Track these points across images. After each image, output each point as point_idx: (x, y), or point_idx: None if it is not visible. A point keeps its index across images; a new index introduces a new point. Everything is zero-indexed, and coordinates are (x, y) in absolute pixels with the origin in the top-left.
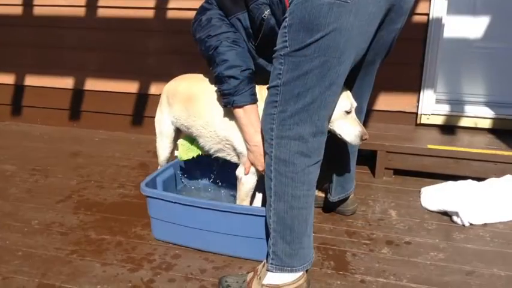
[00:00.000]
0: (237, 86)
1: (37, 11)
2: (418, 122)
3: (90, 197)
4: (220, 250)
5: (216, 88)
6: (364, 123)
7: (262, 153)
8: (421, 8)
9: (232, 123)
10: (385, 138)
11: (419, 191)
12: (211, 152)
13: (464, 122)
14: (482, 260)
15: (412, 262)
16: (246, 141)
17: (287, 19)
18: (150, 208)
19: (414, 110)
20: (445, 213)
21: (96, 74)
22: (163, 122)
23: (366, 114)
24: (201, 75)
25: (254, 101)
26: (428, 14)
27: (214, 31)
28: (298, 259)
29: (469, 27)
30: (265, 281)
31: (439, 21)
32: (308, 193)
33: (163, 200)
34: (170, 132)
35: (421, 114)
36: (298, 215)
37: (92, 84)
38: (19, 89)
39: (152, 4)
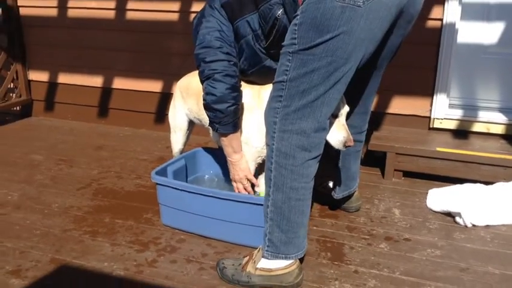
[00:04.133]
0: (221, 118)
1: (70, 13)
2: (431, 126)
3: (108, 186)
4: (222, 237)
5: None
6: (377, 126)
7: (240, 167)
8: (435, 13)
9: None
10: (396, 140)
11: (427, 193)
12: (220, 144)
13: (476, 127)
14: (479, 258)
15: (407, 257)
16: (226, 154)
17: (298, 17)
18: (159, 195)
19: (427, 114)
20: (449, 214)
21: (123, 73)
22: (177, 116)
23: (379, 117)
24: None
25: (235, 130)
26: (442, 19)
27: (210, 57)
28: (293, 247)
29: (483, 32)
30: (259, 265)
31: (452, 26)
32: (306, 185)
33: (170, 187)
34: (184, 126)
35: (434, 119)
36: (295, 206)
37: (119, 83)
38: (52, 86)
39: (177, 7)
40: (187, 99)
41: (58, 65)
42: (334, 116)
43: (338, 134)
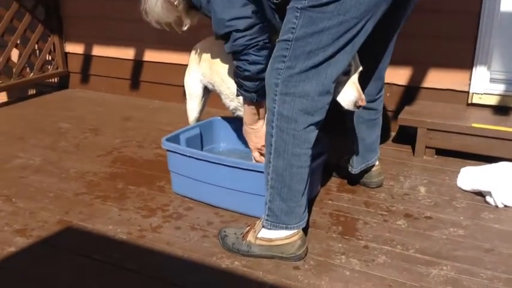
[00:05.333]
0: (263, 87)
1: None
2: (470, 101)
3: (127, 154)
4: (229, 206)
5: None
6: (410, 101)
7: (261, 135)
8: None
9: None
10: (429, 115)
11: (459, 172)
12: (231, 109)
13: None
14: (506, 240)
15: (426, 235)
16: (245, 123)
17: None
18: (169, 162)
19: (465, 89)
20: (480, 194)
21: (153, 46)
22: (192, 82)
23: (413, 91)
24: None
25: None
26: None
27: (243, 22)
28: (294, 217)
29: None
30: (260, 235)
31: None
32: (308, 152)
33: (179, 153)
34: (199, 92)
35: (473, 93)
36: (297, 174)
37: (150, 56)
38: (88, 58)
39: None
40: (201, 64)
41: (93, 37)
42: (345, 73)
43: (348, 93)
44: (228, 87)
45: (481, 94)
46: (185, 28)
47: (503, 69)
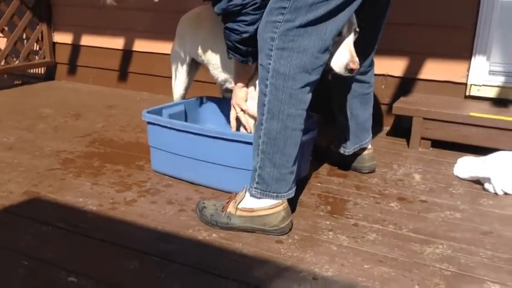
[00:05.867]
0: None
1: None
2: (468, 93)
3: (108, 136)
4: (212, 183)
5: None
6: (406, 93)
7: (238, 95)
8: None
9: None
10: (424, 105)
11: (456, 162)
12: (220, 81)
13: None
14: (506, 223)
15: (420, 217)
16: (236, 83)
17: None
18: (149, 137)
19: (463, 80)
20: (478, 182)
21: (143, 34)
22: (178, 55)
23: (409, 83)
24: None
25: None
26: None
27: None
28: (285, 184)
29: None
30: (241, 205)
31: None
32: (303, 113)
33: (159, 125)
34: (185, 66)
35: (471, 85)
36: (291, 137)
37: (139, 45)
38: (76, 48)
39: None
40: (187, 35)
41: (81, 27)
42: (338, 33)
43: (340, 55)
44: (217, 56)
45: (480, 86)
46: None
47: (503, 61)
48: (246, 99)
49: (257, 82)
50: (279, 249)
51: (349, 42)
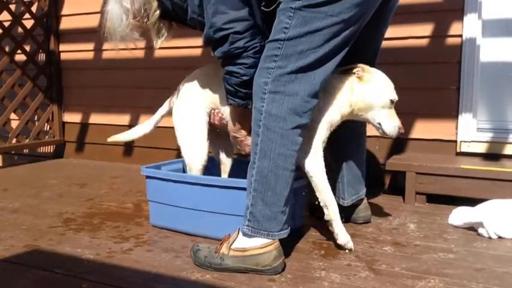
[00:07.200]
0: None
1: (105, 55)
2: (458, 150)
3: (110, 199)
4: (210, 232)
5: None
6: (398, 152)
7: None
8: (454, 29)
9: None
10: (416, 160)
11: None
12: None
13: (509, 150)
14: (499, 261)
15: (414, 258)
16: (236, 132)
17: None
18: (148, 191)
19: (453, 138)
20: (472, 229)
21: (147, 110)
22: (195, 114)
23: (401, 143)
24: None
25: None
26: (461, 36)
27: (240, 25)
28: (276, 224)
29: (508, 49)
30: (234, 245)
31: (473, 42)
32: (294, 154)
33: (157, 178)
34: (204, 126)
35: (461, 142)
36: (282, 176)
37: (143, 121)
38: (84, 127)
39: (199, 43)
40: (206, 90)
41: (90, 106)
42: (393, 102)
43: (393, 121)
44: None
45: (469, 142)
46: (160, 42)
47: (489, 118)
48: None
49: None
50: (271, 286)
51: (393, 110)
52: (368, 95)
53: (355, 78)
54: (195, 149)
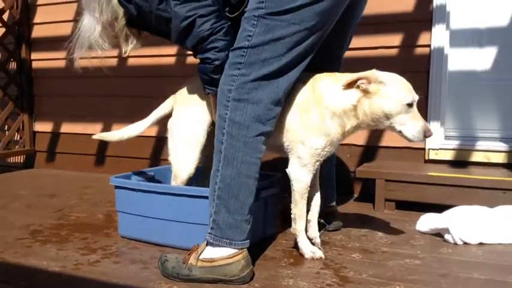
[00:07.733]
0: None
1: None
2: (427, 157)
3: (80, 210)
4: (179, 242)
5: None
6: (368, 160)
7: None
8: (423, 39)
9: None
10: (386, 168)
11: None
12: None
13: (476, 157)
14: (464, 267)
15: (381, 264)
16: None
17: None
18: (117, 202)
19: (421, 145)
20: (439, 235)
21: (121, 119)
22: (192, 123)
23: (370, 151)
24: None
25: None
26: (430, 45)
27: (202, 9)
28: (240, 232)
29: (475, 59)
30: (202, 256)
31: (441, 52)
32: (257, 162)
33: (126, 188)
34: (201, 136)
35: (429, 149)
36: (245, 184)
37: (117, 129)
38: (55, 136)
39: (174, 51)
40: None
41: (62, 115)
42: (410, 105)
43: (416, 124)
44: None
45: (437, 150)
46: (129, 49)
47: (457, 126)
48: None
49: None
50: None
51: (416, 110)
52: (378, 107)
53: (360, 92)
54: (185, 160)
